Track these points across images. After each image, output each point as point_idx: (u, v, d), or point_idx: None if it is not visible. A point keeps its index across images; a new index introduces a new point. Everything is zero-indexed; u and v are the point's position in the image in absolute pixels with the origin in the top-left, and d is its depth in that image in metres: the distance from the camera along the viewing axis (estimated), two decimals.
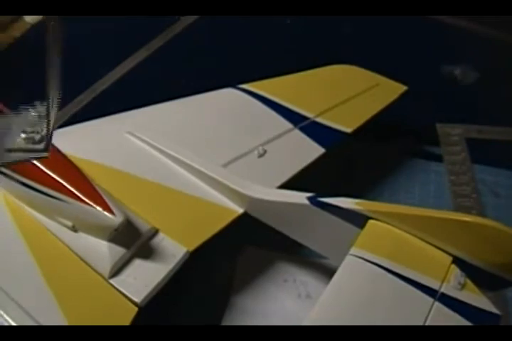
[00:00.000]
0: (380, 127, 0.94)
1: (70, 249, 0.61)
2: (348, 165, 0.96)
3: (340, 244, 0.59)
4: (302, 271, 0.77)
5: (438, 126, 1.04)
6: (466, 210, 0.86)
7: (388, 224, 0.55)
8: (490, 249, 0.52)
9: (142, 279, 0.59)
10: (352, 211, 0.56)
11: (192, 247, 0.63)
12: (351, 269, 0.51)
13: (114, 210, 0.59)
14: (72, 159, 0.65)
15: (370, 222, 0.55)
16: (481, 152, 1.00)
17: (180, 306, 0.73)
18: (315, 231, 0.64)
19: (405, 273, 0.51)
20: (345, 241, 0.57)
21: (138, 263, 0.61)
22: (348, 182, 0.92)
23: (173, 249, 0.63)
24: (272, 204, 0.65)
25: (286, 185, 0.72)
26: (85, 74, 1.10)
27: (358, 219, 0.56)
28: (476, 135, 1.04)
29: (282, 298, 0.74)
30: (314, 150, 0.80)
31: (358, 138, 0.87)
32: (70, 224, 0.62)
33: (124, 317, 0.56)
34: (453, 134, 1.03)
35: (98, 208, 0.59)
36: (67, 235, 0.62)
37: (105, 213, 0.59)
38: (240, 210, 0.70)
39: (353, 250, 0.53)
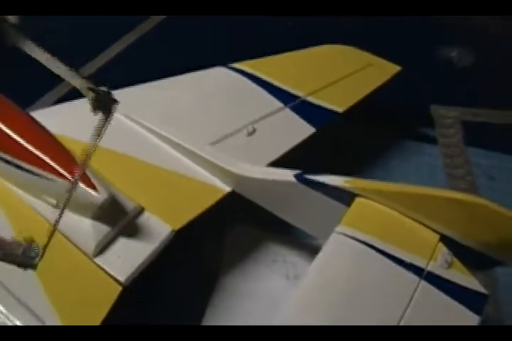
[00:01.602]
0: (373, 109, 0.92)
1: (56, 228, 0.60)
2: (339, 147, 0.94)
3: (328, 222, 0.58)
4: (292, 251, 0.76)
5: (433, 108, 1.03)
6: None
7: (375, 201, 0.54)
8: (479, 228, 0.51)
9: (127, 258, 0.58)
10: (339, 188, 0.55)
11: (178, 226, 0.62)
12: (336, 247, 0.50)
13: (98, 187, 0.58)
14: (58, 138, 0.63)
15: (358, 199, 0.54)
16: (476, 135, 0.99)
17: (167, 286, 0.72)
18: (302, 210, 0.62)
19: (392, 252, 0.50)
20: (332, 219, 0.56)
21: (122, 241, 0.60)
22: (339, 164, 0.90)
23: (159, 228, 0.62)
24: (259, 182, 0.64)
25: (276, 165, 0.71)
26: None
27: (345, 197, 0.55)
28: (471, 118, 1.02)
29: (271, 279, 0.73)
30: (304, 130, 0.78)
31: (351, 119, 0.86)
32: (53, 201, 0.61)
33: (108, 296, 0.55)
34: (448, 117, 1.02)
35: (81, 185, 0.58)
36: (51, 213, 0.60)
37: (88, 190, 0.57)
38: (228, 189, 0.69)
39: (339, 228, 0.51)
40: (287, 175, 0.61)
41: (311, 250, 0.75)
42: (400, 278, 0.48)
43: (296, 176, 0.60)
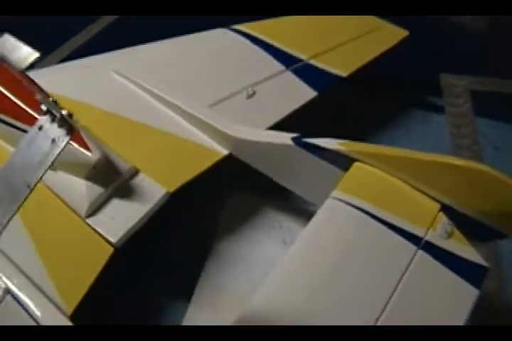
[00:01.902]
0: (377, 75, 0.90)
1: (48, 187, 0.59)
2: (340, 114, 0.92)
3: (325, 187, 0.56)
4: (289, 217, 0.75)
5: (442, 76, 1.00)
6: None
7: (374, 166, 0.52)
8: (481, 196, 0.49)
9: (119, 219, 0.57)
10: (336, 152, 0.53)
11: (172, 188, 0.61)
12: (330, 212, 0.48)
13: (92, 147, 0.57)
14: (56, 98, 0.62)
15: (355, 164, 0.52)
16: (483, 104, 0.96)
17: (162, 250, 0.71)
18: (299, 174, 0.61)
19: (389, 219, 0.48)
20: (329, 184, 0.55)
21: (116, 203, 0.59)
22: (339, 131, 0.88)
23: (153, 190, 0.61)
24: (256, 144, 0.62)
25: (275, 129, 0.69)
26: None
27: (343, 161, 0.53)
28: (480, 87, 0.99)
29: (267, 245, 0.72)
30: (306, 93, 0.76)
31: (356, 86, 0.83)
32: None
33: (100, 257, 0.54)
34: (458, 85, 0.99)
35: (75, 145, 0.56)
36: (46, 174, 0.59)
37: (82, 150, 0.56)
38: (225, 152, 0.67)
39: (335, 193, 0.50)
40: (285, 138, 0.59)
41: (308, 216, 0.73)
42: (396, 247, 0.46)
43: (294, 139, 0.58)
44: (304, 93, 0.76)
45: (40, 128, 0.40)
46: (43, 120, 0.40)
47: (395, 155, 0.50)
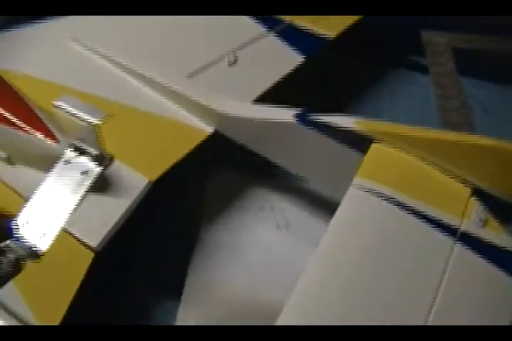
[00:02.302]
0: (361, 36, 0.82)
1: (6, 185, 0.49)
2: (326, 78, 0.85)
3: (337, 171, 0.50)
4: (279, 196, 0.68)
5: (423, 33, 0.93)
6: (456, 126, 0.78)
7: (394, 147, 0.45)
8: None
9: (97, 219, 0.49)
10: (351, 132, 0.46)
11: (154, 176, 0.52)
12: (355, 204, 0.42)
13: (58, 137, 0.48)
14: (11, 75, 0.54)
15: (374, 145, 0.45)
16: (468, 63, 0.91)
17: (144, 241, 0.63)
18: (304, 156, 0.54)
19: (420, 208, 0.42)
20: (342, 167, 0.48)
21: (91, 199, 0.50)
22: (328, 95, 0.82)
23: (133, 180, 0.52)
24: (248, 122, 0.54)
25: (260, 100, 0.62)
26: None
27: (359, 142, 0.46)
28: (463, 44, 0.93)
29: (259, 229, 0.65)
30: (292, 59, 0.68)
31: (338, 48, 0.76)
32: (3, 154, 0.50)
33: (79, 265, 0.46)
34: (439, 43, 0.92)
35: (38, 135, 0.47)
36: (2, 168, 0.50)
37: (46, 141, 0.47)
38: (210, 129, 0.59)
39: (356, 180, 0.43)
40: (286, 114, 0.51)
41: (301, 193, 0.68)
42: (432, 241, 0.40)
43: (298, 116, 0.50)
44: (290, 58, 0.68)
45: (67, 162, 0.41)
46: (70, 155, 0.41)
47: (418, 136, 0.43)
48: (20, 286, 0.42)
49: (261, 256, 0.62)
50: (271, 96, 0.63)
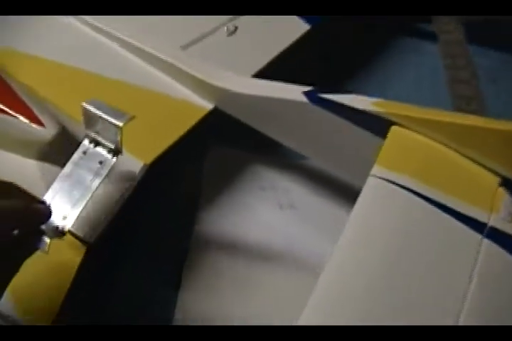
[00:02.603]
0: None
1: None
2: (332, 48, 0.79)
3: (353, 155, 0.46)
4: (281, 175, 0.64)
5: None
6: (466, 100, 0.74)
7: (416, 131, 0.41)
8: None
9: (89, 208, 0.44)
10: (369, 113, 0.42)
11: (150, 159, 0.48)
12: (376, 197, 0.37)
13: (44, 121, 0.43)
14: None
15: (394, 129, 0.41)
16: (472, 31, 0.85)
17: (139, 227, 0.59)
18: (316, 137, 0.49)
19: (445, 201, 0.37)
20: (359, 151, 0.44)
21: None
22: (333, 67, 0.77)
23: (127, 163, 0.48)
24: (255, 99, 0.50)
25: (261, 73, 0.57)
26: None
27: (377, 125, 0.42)
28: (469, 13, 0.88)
29: (261, 210, 0.61)
30: (297, 27, 0.62)
31: (344, 21, 0.70)
32: None
33: (70, 259, 0.42)
34: None
35: (21, 118, 0.43)
36: None
37: (32, 125, 0.43)
38: (209, 106, 0.54)
39: (376, 169, 0.38)
40: (294, 92, 0.47)
41: (304, 172, 0.64)
42: (460, 236, 0.36)
43: (308, 94, 0.46)
44: (294, 26, 0.62)
45: (85, 152, 0.42)
46: (88, 146, 0.42)
47: (443, 120, 0.39)
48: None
49: (262, 238, 0.58)
50: (267, 69, 0.58)
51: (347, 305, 0.34)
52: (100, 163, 0.42)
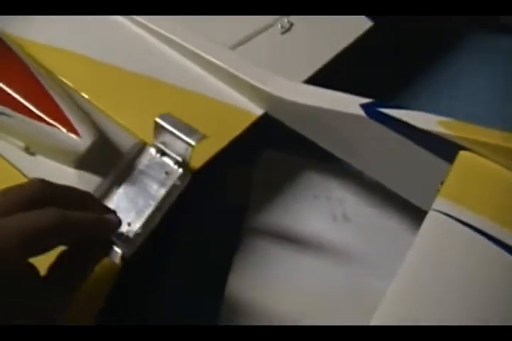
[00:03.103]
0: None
1: (25, 176, 0.44)
2: (398, 44, 0.72)
3: (413, 176, 0.41)
4: (337, 184, 0.59)
5: None
6: None
7: (490, 159, 0.36)
8: None
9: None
10: (435, 135, 0.37)
11: (196, 165, 0.46)
12: (437, 235, 0.32)
13: (80, 130, 0.41)
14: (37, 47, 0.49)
15: (463, 154, 0.36)
16: None
17: (185, 235, 0.57)
18: (371, 154, 0.45)
19: None
20: (421, 173, 0.40)
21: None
22: (397, 64, 0.70)
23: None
24: (308, 109, 0.46)
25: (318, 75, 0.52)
26: None
27: (442, 148, 0.37)
28: None
29: (312, 220, 0.57)
30: (359, 23, 0.57)
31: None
32: (22, 144, 0.44)
33: (105, 278, 0.40)
34: None
35: (58, 127, 0.42)
36: (21, 158, 0.44)
37: (68, 134, 0.41)
38: (259, 111, 0.51)
39: (439, 201, 0.34)
40: (351, 104, 0.42)
41: (361, 184, 0.59)
42: None
43: (365, 108, 0.41)
44: (356, 22, 0.57)
45: (150, 161, 0.44)
46: (154, 155, 0.44)
47: None
48: None
49: (312, 248, 0.55)
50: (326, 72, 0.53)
51: None
52: (166, 173, 0.43)
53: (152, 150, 0.44)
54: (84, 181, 0.43)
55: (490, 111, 0.66)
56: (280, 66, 0.52)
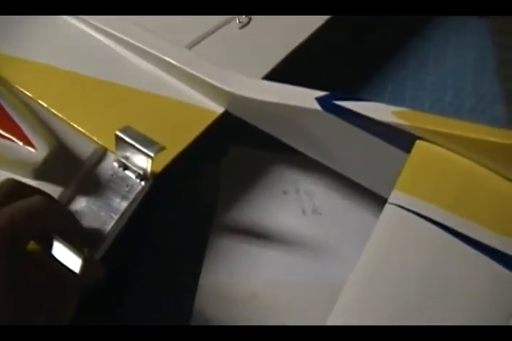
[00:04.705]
0: None
1: None
2: (364, 34, 0.72)
3: (371, 166, 0.41)
4: (305, 177, 0.59)
5: None
6: None
7: (444, 147, 0.35)
8: None
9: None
10: (389, 126, 0.36)
11: (159, 167, 0.45)
12: (394, 229, 0.32)
13: (35, 141, 0.41)
14: None
15: (420, 143, 0.36)
16: None
17: (154, 233, 0.57)
18: (331, 147, 0.44)
19: (476, 235, 0.32)
20: (378, 163, 0.40)
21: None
22: (361, 52, 0.70)
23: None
24: (266, 104, 0.45)
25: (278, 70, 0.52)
26: None
27: (399, 138, 0.36)
28: None
29: (282, 215, 0.57)
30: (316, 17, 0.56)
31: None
32: None
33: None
34: None
35: (17, 142, 0.41)
36: None
37: (24, 147, 0.41)
38: (220, 110, 0.50)
39: (396, 194, 0.33)
40: (306, 97, 0.42)
41: (330, 175, 0.58)
42: (496, 279, 0.31)
43: (321, 101, 0.41)
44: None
45: (113, 175, 0.45)
46: (117, 169, 0.45)
47: (478, 138, 0.33)
48: None
49: (282, 243, 0.55)
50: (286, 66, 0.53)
51: None
52: (128, 186, 0.44)
53: (115, 164, 0.45)
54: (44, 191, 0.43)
55: (464, 82, 0.67)
56: (239, 62, 0.51)
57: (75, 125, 0.46)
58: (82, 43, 0.52)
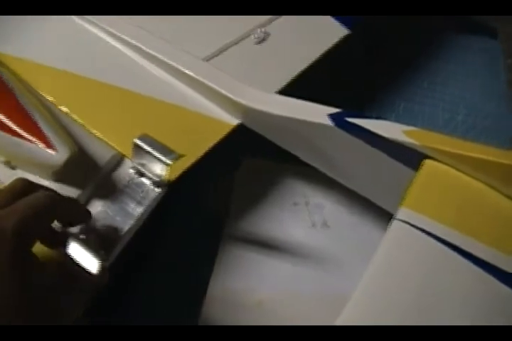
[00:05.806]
0: None
1: None
2: (376, 48, 0.73)
3: (381, 183, 0.42)
4: (317, 191, 0.60)
5: None
6: None
7: (454, 167, 0.36)
8: None
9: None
10: (399, 144, 0.38)
11: (173, 176, 0.46)
12: (400, 245, 0.33)
13: (57, 145, 0.43)
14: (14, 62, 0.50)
15: (428, 163, 0.37)
16: None
17: (166, 239, 0.58)
18: (342, 162, 0.46)
19: (484, 255, 0.33)
20: (388, 180, 0.41)
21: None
22: (373, 70, 0.71)
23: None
24: (277, 119, 0.47)
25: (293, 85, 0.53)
26: None
27: (408, 156, 0.38)
28: None
29: (292, 227, 0.58)
30: (334, 31, 0.58)
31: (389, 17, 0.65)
32: (2, 159, 0.45)
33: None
34: None
35: (35, 142, 0.43)
36: (2, 172, 0.45)
37: (45, 149, 0.42)
38: (235, 122, 0.51)
39: (403, 211, 0.34)
40: (319, 113, 0.43)
41: (342, 189, 0.60)
42: (498, 297, 0.32)
43: (333, 117, 0.42)
44: (331, 30, 0.57)
45: (129, 181, 0.46)
46: (133, 176, 0.47)
47: (489, 160, 0.34)
48: None
49: (291, 255, 0.56)
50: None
51: None
52: (143, 192, 0.45)
53: (131, 171, 0.46)
54: (63, 193, 0.44)
55: (472, 103, 0.69)
56: (254, 77, 0.52)
57: (95, 131, 0.48)
58: (105, 53, 0.54)
